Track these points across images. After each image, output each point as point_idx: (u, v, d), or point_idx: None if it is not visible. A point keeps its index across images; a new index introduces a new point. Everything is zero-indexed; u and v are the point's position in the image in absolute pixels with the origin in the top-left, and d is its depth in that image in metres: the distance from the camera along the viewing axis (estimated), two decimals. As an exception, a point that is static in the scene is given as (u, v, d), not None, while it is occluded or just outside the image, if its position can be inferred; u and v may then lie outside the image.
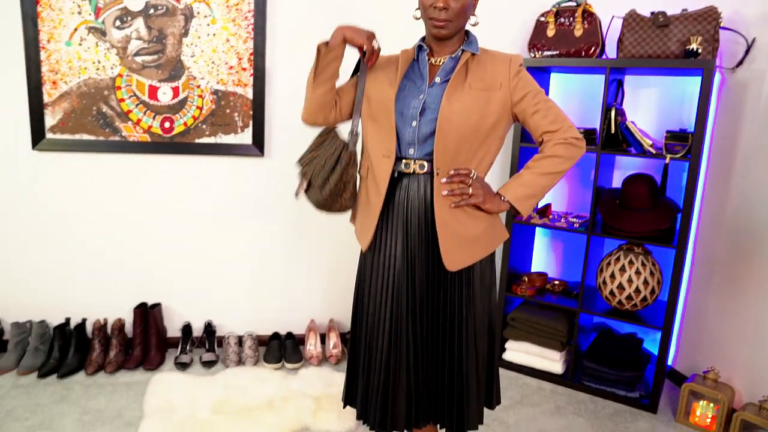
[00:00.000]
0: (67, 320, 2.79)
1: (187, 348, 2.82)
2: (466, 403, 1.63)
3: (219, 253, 2.90)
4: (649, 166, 2.82)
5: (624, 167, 2.91)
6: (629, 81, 2.83)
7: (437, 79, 1.58)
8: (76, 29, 2.55)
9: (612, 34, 2.63)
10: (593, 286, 2.85)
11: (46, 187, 2.69)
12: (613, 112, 2.49)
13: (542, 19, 2.71)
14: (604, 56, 2.64)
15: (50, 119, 2.60)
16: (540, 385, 2.75)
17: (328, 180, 1.63)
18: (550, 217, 2.82)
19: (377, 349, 1.61)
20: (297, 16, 2.72)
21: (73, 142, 2.63)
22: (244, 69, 2.69)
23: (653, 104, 2.82)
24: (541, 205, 3.06)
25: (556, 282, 2.87)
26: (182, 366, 2.72)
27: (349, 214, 1.78)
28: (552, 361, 2.76)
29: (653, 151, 2.45)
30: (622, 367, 2.60)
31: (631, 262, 2.53)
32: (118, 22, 2.57)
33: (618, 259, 2.57)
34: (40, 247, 2.75)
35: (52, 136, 2.62)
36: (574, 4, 2.67)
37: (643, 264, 2.52)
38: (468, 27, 1.63)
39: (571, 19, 2.64)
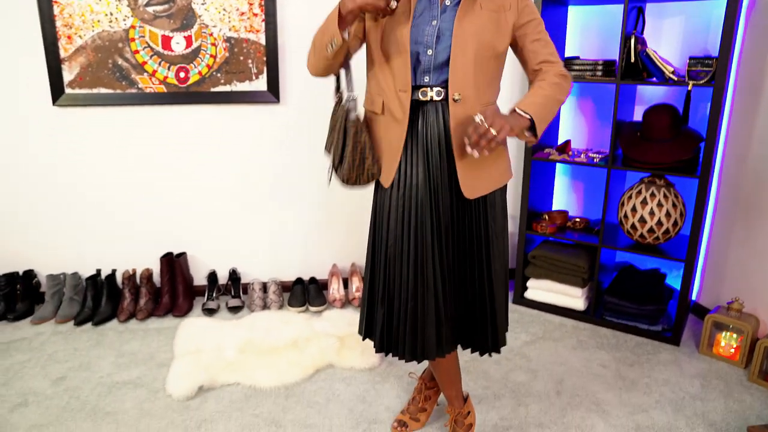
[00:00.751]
0: (98, 271, 2.89)
1: (214, 295, 2.90)
2: (497, 321, 1.68)
3: (240, 202, 2.94)
4: (671, 96, 2.74)
5: (645, 101, 2.83)
6: (650, 10, 2.72)
7: (447, 2, 1.54)
8: (86, -19, 2.56)
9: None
10: (615, 223, 2.82)
11: (68, 142, 2.76)
12: (633, 41, 2.41)
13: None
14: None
15: (68, 74, 2.64)
16: (562, 321, 2.76)
17: (344, 155, 1.62)
18: (570, 153, 2.77)
19: (403, 279, 1.61)
20: (305, -43, 2.68)
21: (92, 96, 2.67)
22: (256, 14, 2.67)
23: (676, 32, 2.72)
24: (560, 141, 3.01)
25: (578, 219, 2.85)
26: (209, 312, 2.81)
27: None
28: (573, 297, 2.76)
29: (675, 79, 2.38)
30: (644, 301, 2.59)
31: (652, 195, 2.49)
32: (127, -28, 2.56)
33: (639, 192, 2.53)
34: (67, 202, 2.84)
35: (71, 91, 2.66)
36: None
37: (665, 196, 2.48)
38: None
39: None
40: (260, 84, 2.75)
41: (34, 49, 2.62)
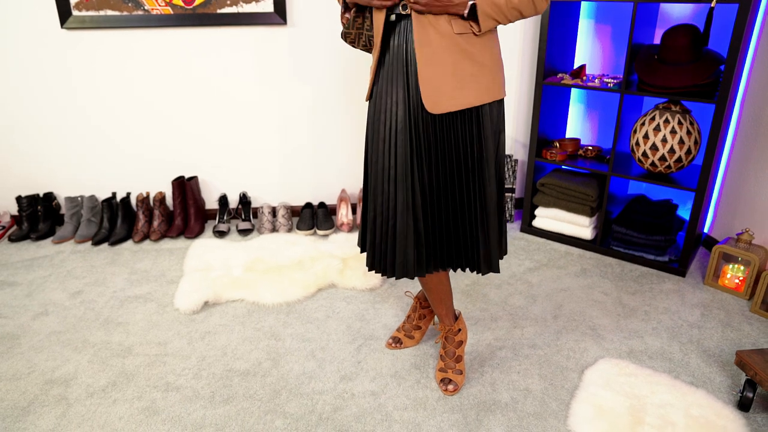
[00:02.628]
0: (114, 194, 2.98)
1: (224, 218, 2.97)
2: (490, 244, 1.66)
3: (250, 126, 2.95)
4: (695, 17, 2.59)
5: (666, 23, 2.68)
6: None
7: None
8: None
9: None
10: (628, 152, 2.75)
11: (78, 66, 2.78)
12: (654, -46, 2.26)
13: None
14: None
15: (75, -5, 2.63)
16: (568, 250, 2.75)
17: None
18: (584, 78, 2.68)
19: (384, 196, 1.62)
20: None
21: (99, 18, 2.67)
22: (259, -69, 2.59)
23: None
24: (576, 65, 2.90)
25: (590, 147, 2.78)
26: (220, 234, 2.88)
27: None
28: (581, 226, 2.74)
29: (697, -4, 2.23)
30: (653, 231, 2.55)
31: (666, 121, 2.40)
32: None
33: (653, 118, 2.44)
34: (80, 125, 2.89)
35: (78, 13, 2.66)
36: None
37: (679, 123, 2.39)
38: None
39: None
40: (267, 5, 2.69)
41: (40, -32, 2.61)
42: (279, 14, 2.70)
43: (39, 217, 2.96)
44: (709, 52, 2.35)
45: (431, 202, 1.63)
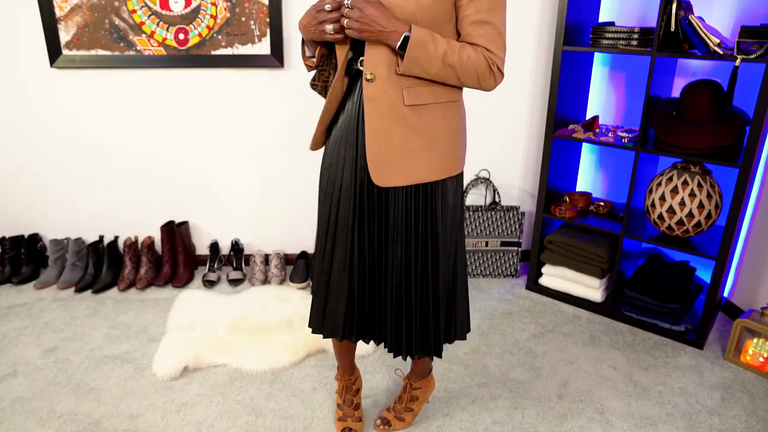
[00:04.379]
0: (101, 238, 2.85)
1: (215, 266, 2.83)
2: (432, 323, 1.55)
3: (243, 170, 2.82)
4: (716, 72, 2.43)
5: (686, 74, 2.52)
6: (702, -32, 2.39)
7: None
8: (79, -66, 2.40)
9: None
10: (642, 209, 2.58)
11: (68, 106, 2.67)
12: (674, 5, 2.11)
13: None
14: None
15: (64, 35, 2.53)
16: (576, 313, 2.57)
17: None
18: (597, 130, 2.52)
19: (325, 252, 1.53)
20: None
21: (89, 58, 2.56)
22: (257, -29, 2.47)
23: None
24: (588, 116, 2.75)
25: (602, 203, 2.61)
26: (209, 284, 2.74)
27: None
28: (591, 288, 2.56)
29: (721, 52, 2.07)
30: (668, 298, 2.37)
31: (685, 183, 2.23)
32: (121, -76, 2.40)
33: (670, 179, 2.27)
34: (69, 166, 2.78)
35: (68, 52, 2.55)
36: None
37: (699, 185, 2.22)
38: None
39: None
40: (263, 47, 2.57)
41: (30, 8, 2.50)
42: (276, 57, 2.58)
43: (22, 259, 2.84)
44: (733, 111, 2.18)
45: (371, 268, 1.52)
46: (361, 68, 1.38)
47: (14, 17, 2.52)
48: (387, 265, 1.51)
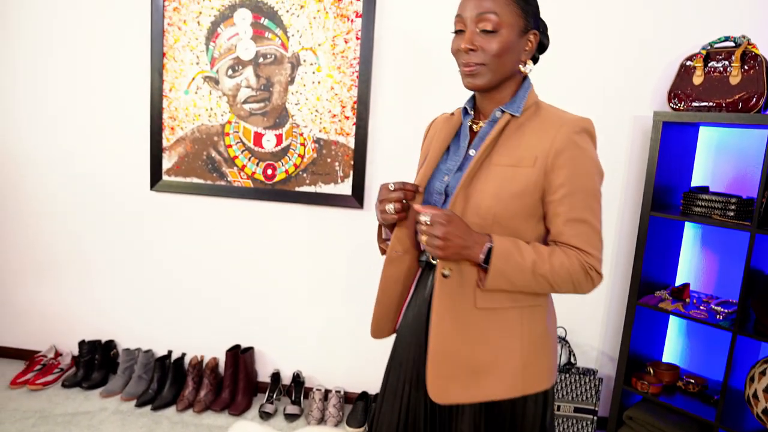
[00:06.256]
0: (169, 353, 2.91)
1: (274, 396, 2.77)
2: None
3: (315, 303, 2.83)
4: (829, 249, 2.21)
5: (794, 247, 2.31)
6: (807, 140, 2.25)
7: (471, 152, 1.26)
8: (193, 79, 2.67)
9: (782, 84, 2.11)
10: (740, 389, 2.30)
11: (158, 225, 2.85)
12: (776, 183, 1.98)
13: (688, 63, 2.27)
14: (769, 111, 2.13)
15: (167, 162, 2.75)
16: (660, 505, 2.25)
17: None
18: (687, 300, 2.33)
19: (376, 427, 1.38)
20: (402, 64, 2.58)
21: (185, 184, 2.75)
22: (347, 117, 2.61)
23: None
24: (678, 281, 2.56)
25: (692, 380, 2.35)
26: (265, 415, 2.68)
27: None
28: (678, 478, 2.25)
29: (831, 237, 1.89)
30: (773, 508, 2.03)
31: (791, 376, 1.97)
32: (230, 71, 2.64)
33: (774, 368, 2.02)
34: (152, 279, 2.91)
35: (167, 178, 2.76)
36: (731, 44, 2.19)
37: (809, 380, 1.95)
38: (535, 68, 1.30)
39: (727, 63, 2.17)
40: (345, 188, 2.65)
41: (142, 137, 2.76)
42: (356, 198, 2.64)
43: (95, 365, 2.93)
44: None
45: None
46: (433, 261, 1.26)
47: (127, 144, 2.79)
48: None
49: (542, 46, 1.31)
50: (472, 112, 1.32)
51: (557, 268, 1.15)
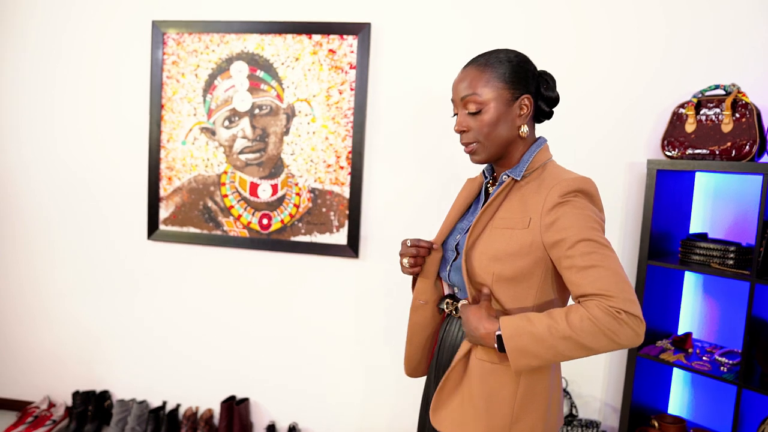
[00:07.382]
0: (164, 404, 2.86)
1: (268, 450, 2.71)
2: None
3: (311, 353, 2.79)
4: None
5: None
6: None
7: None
8: (190, 129, 2.70)
9: (774, 132, 2.11)
10: (749, 448, 2.21)
11: (155, 275, 2.84)
12: (773, 232, 1.95)
13: (680, 111, 2.27)
14: (763, 157, 2.12)
15: (164, 212, 2.76)
16: None
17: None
18: (690, 351, 2.27)
19: None
20: (396, 114, 2.60)
21: (182, 234, 2.76)
22: (342, 167, 2.62)
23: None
24: (680, 329, 2.50)
25: (698, 434, 2.28)
26: (259, 470, 2.61)
27: None
28: None
29: (833, 287, 1.85)
30: None
31: (800, 432, 1.90)
32: (226, 122, 2.67)
33: (781, 423, 1.95)
34: (146, 329, 2.90)
35: (164, 227, 2.77)
36: (722, 92, 2.20)
37: (818, 436, 1.88)
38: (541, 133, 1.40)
39: (718, 111, 2.17)
40: (340, 237, 2.65)
41: (140, 187, 2.79)
42: (351, 248, 2.63)
43: (87, 417, 2.88)
44: None
45: None
46: (444, 309, 1.37)
47: (125, 193, 2.81)
48: None
49: (550, 101, 1.31)
50: (488, 175, 1.38)
51: (578, 324, 1.08)
